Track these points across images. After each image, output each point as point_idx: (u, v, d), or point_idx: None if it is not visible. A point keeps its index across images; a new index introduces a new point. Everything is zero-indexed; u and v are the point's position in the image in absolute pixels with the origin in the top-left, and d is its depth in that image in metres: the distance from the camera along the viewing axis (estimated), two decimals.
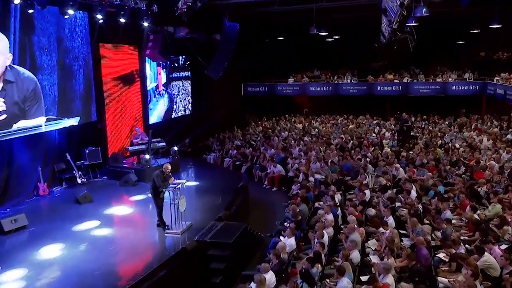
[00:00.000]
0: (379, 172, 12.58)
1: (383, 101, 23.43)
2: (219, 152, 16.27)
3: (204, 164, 15.54)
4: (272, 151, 15.42)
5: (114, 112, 13.61)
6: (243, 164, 14.96)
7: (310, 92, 23.88)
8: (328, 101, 25.35)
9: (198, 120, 18.14)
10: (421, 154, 13.90)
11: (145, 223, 8.94)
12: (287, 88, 23.97)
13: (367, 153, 14.63)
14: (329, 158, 13.94)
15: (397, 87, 22.57)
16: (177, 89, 17.79)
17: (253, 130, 20.85)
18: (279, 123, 22.24)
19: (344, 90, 23.30)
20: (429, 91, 21.72)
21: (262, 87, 24.15)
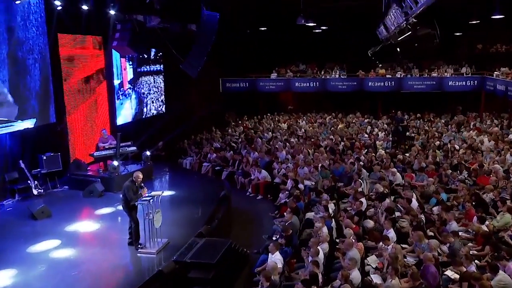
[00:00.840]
0: (374, 177, 12.53)
1: (374, 98, 23.58)
2: (196, 156, 16.04)
3: (180, 169, 15.29)
4: (255, 155, 15.25)
5: (76, 112, 13.08)
6: (224, 169, 14.78)
7: (295, 88, 23.88)
8: (314, 98, 25.38)
9: (172, 120, 17.85)
10: (419, 157, 13.93)
11: (114, 242, 8.50)
12: (269, 83, 23.92)
13: (360, 156, 14.57)
14: (318, 162, 13.82)
15: (389, 83, 22.73)
16: (147, 86, 17.32)
17: (233, 131, 20.62)
18: (262, 122, 22.10)
19: (332, 86, 23.36)
20: (424, 87, 21.93)
21: (242, 83, 24.04)
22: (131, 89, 16.18)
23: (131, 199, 7.81)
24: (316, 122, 21.79)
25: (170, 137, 16.91)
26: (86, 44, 13.31)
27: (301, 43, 23.80)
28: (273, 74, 24.25)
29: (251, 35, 22.92)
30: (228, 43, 20.90)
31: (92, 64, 13.66)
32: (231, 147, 16.88)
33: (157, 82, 18.10)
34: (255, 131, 19.85)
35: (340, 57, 24.60)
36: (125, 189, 7.89)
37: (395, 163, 13.62)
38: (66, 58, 12.45)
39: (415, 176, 12.32)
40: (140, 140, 13.76)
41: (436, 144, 15.82)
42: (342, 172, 13.09)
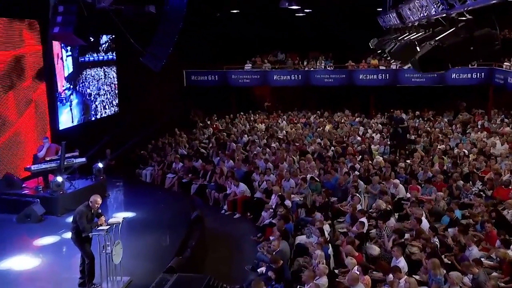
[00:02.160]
0: (373, 190, 12.43)
1: (366, 93, 23.68)
2: (158, 166, 15.73)
3: (139, 183, 15.06)
4: (230, 164, 15.03)
5: (7, 115, 12.39)
6: (193, 182, 14.54)
7: (273, 82, 23.82)
8: (296, 93, 25.34)
9: (127, 122, 17.46)
10: (424, 165, 13.92)
11: (61, 282, 8.02)
12: (243, 76, 23.80)
13: (355, 164, 14.46)
14: (306, 172, 13.66)
15: (383, 75, 22.89)
16: (95, 83, 16.61)
17: (201, 133, 20.28)
18: (235, 123, 21.92)
19: (316, 79, 23.37)
20: (424, 81, 22.13)
21: (210, 76, 23.91)
22: (71, 90, 15.21)
23: (85, 229, 7.34)
24: (299, 122, 21.64)
25: (125, 143, 16.54)
26: (17, 29, 12.59)
27: (281, 28, 23.60)
28: (247, 65, 24.10)
29: (222, 20, 22.68)
30: (194, 29, 20.48)
31: (28, 55, 12.97)
32: (200, 155, 16.55)
33: (109, 76, 17.48)
34: (227, 134, 19.61)
35: (326, 46, 24.61)
36: (77, 215, 7.43)
37: (397, 173, 13.57)
38: None
39: (421, 188, 12.24)
40: (90, 149, 13.30)
41: (441, 149, 15.85)
42: (335, 185, 12.97)
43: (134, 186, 14.18)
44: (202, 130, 20.72)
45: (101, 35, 16.80)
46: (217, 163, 15.27)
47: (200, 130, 20.66)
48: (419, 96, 22.95)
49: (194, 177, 14.65)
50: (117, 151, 15.80)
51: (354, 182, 12.54)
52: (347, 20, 22.00)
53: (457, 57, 7.38)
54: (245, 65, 24.10)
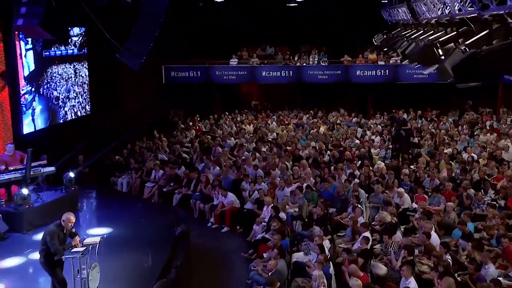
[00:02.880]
0: (375, 200, 12.40)
1: (363, 91, 23.71)
2: (135, 173, 15.59)
3: (114, 194, 14.89)
4: (216, 170, 14.96)
5: None
6: (175, 191, 14.37)
7: (262, 78, 23.78)
8: (287, 91, 25.31)
9: (101, 124, 17.42)
10: (430, 171, 13.91)
11: None
12: (228, 72, 23.74)
13: (354, 170, 14.41)
14: (301, 180, 13.57)
15: (382, 72, 22.95)
16: (63, 80, 16.29)
17: (182, 136, 20.14)
18: (220, 124, 21.79)
19: (309, 75, 23.35)
20: (426, 77, 22.06)
21: (192, 72, 23.84)
22: (33, 94, 14.72)
23: (57, 251, 7.11)
24: (291, 123, 21.57)
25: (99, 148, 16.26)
26: None
27: (270, 19, 23.61)
28: (233, 60, 24.02)
29: (204, 9, 22.54)
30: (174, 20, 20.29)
31: None
32: (182, 160, 16.40)
33: (81, 74, 17.25)
34: (212, 137, 19.49)
35: (320, 39, 24.58)
36: (47, 236, 7.21)
37: (400, 180, 13.56)
38: None
39: (428, 197, 12.22)
40: (60, 156, 13.07)
41: (448, 153, 15.86)
42: (333, 194, 12.92)
43: (109, 197, 14.01)
44: (183, 132, 20.51)
45: (71, 28, 16.57)
46: (202, 170, 15.14)
47: (182, 132, 20.45)
48: (422, 94, 23.01)
49: (177, 186, 14.50)
50: (92, 157, 15.56)
51: (355, 192, 12.45)
52: (343, 11, 21.96)
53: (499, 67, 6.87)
54: (231, 60, 23.99)
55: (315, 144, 17.55)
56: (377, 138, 18.51)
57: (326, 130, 19.93)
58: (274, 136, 19.63)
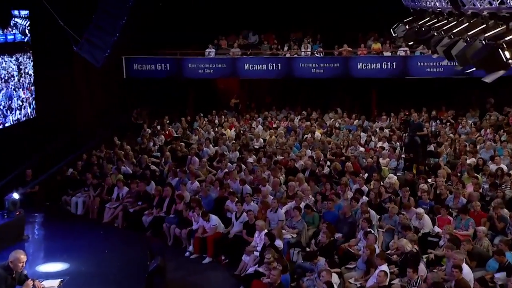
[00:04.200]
0: (389, 223, 12.27)
1: (366, 88, 23.70)
2: (93, 191, 15.39)
3: (67, 217, 14.82)
4: (194, 186, 14.83)
5: None
6: (144, 213, 14.22)
7: (244, 72, 23.70)
8: (274, 87, 25.37)
9: (50, 130, 17.30)
10: (453, 187, 13.83)
11: None
12: (204, 65, 23.69)
13: (362, 185, 14.25)
14: (298, 199, 13.31)
15: (388, 64, 22.95)
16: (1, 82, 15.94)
17: (148, 141, 19.93)
18: (195, 128, 21.67)
19: (301, 69, 23.34)
20: (442, 71, 22.28)
21: (160, 64, 23.79)
22: None
23: None
24: (280, 126, 21.47)
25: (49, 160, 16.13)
26: None
27: (253, 1, 23.64)
28: (210, 50, 24.02)
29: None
30: (138, 1, 20.19)
31: None
32: (151, 174, 16.18)
33: (23, 64, 16.97)
34: (186, 144, 19.37)
35: (313, 25, 24.63)
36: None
37: (418, 198, 13.44)
38: None
39: (454, 219, 12.09)
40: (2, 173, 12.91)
41: (471, 163, 15.80)
42: (338, 215, 12.74)
43: (62, 222, 13.96)
44: (151, 138, 20.26)
45: (12, 9, 16.27)
46: (176, 186, 14.89)
47: (149, 138, 20.17)
48: (435, 91, 23.20)
49: (145, 207, 14.32)
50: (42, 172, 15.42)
51: (365, 213, 12.29)
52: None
53: None
54: (207, 50, 23.95)
55: (312, 153, 17.47)
56: (384, 145, 18.44)
57: (323, 135, 19.82)
58: (261, 142, 19.55)
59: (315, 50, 23.74)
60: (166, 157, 17.64)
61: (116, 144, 19.04)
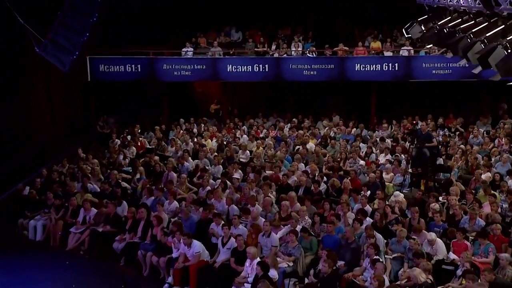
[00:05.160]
0: (397, 249, 12.24)
1: (364, 92, 23.81)
2: (55, 213, 15.29)
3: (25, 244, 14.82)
4: (173, 207, 14.78)
5: None
6: (115, 238, 14.18)
7: (226, 74, 23.74)
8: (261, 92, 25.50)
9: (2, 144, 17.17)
10: (467, 206, 13.78)
11: None
12: (181, 66, 23.72)
13: (364, 205, 14.24)
14: (294, 222, 13.19)
15: (390, 66, 23.06)
16: None
17: (117, 154, 19.87)
18: (171, 139, 21.54)
19: (291, 71, 23.37)
20: (450, 74, 22.39)
21: (130, 65, 23.77)
22: None
23: None
24: (268, 136, 21.48)
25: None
26: None
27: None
28: (187, 49, 24.00)
29: None
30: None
31: None
32: (122, 192, 16.17)
33: None
34: (162, 157, 19.32)
35: (304, 19, 24.82)
36: None
37: (429, 219, 13.42)
38: None
39: (471, 245, 12.04)
40: None
41: (486, 178, 15.84)
42: (339, 241, 12.64)
43: (18, 250, 13.87)
44: (120, 150, 20.14)
45: None
46: (152, 206, 14.78)
47: (118, 151, 20.08)
48: (442, 95, 23.27)
49: (116, 230, 14.23)
50: None
51: (370, 237, 12.17)
52: None
53: None
54: (184, 49, 23.94)
55: (306, 167, 17.42)
56: (386, 157, 18.54)
57: (318, 147, 19.81)
58: (248, 155, 19.50)
59: (306, 49, 23.77)
60: (139, 172, 17.56)
61: (80, 158, 18.95)
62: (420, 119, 21.67)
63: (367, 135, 21.42)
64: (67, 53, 10.97)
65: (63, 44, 10.92)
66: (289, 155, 19.01)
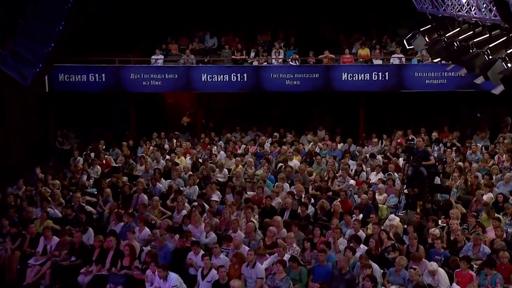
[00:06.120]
0: (396, 280, 12.17)
1: (352, 104, 23.90)
2: (12, 242, 15.05)
3: None
4: (145, 234, 14.64)
5: None
6: (80, 271, 13.89)
7: (200, 84, 23.76)
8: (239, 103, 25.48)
9: None
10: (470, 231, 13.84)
11: None
12: (150, 75, 23.66)
13: (357, 230, 14.18)
14: (281, 250, 13.09)
15: (380, 75, 23.21)
16: None
17: (80, 174, 19.69)
18: (140, 156, 21.35)
19: (271, 81, 23.47)
20: (444, 83, 22.50)
21: (93, 74, 23.73)
22: None
23: None
24: (248, 153, 21.38)
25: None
26: None
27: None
28: (157, 56, 24.01)
29: None
30: None
31: None
32: (87, 218, 15.97)
33: None
34: (130, 176, 19.18)
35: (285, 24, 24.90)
36: None
37: (429, 246, 13.44)
38: None
39: (476, 275, 12.02)
40: None
41: (488, 199, 15.88)
42: (331, 271, 12.57)
43: None
44: (83, 169, 19.99)
45: None
46: (122, 234, 14.56)
47: (81, 170, 19.89)
48: (436, 107, 23.39)
49: (82, 262, 14.00)
50: None
51: (366, 267, 12.13)
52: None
53: None
54: (153, 56, 23.92)
55: (291, 187, 17.44)
56: (379, 176, 18.59)
57: (303, 164, 19.79)
58: (226, 174, 19.42)
59: (288, 57, 23.84)
60: (105, 194, 17.32)
61: (38, 179, 18.71)
62: (412, 133, 21.78)
63: (356, 151, 21.42)
64: (29, 66, 10.77)
65: (25, 55, 10.73)
66: (272, 174, 18.92)
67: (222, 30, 25.05)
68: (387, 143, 21.92)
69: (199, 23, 25.10)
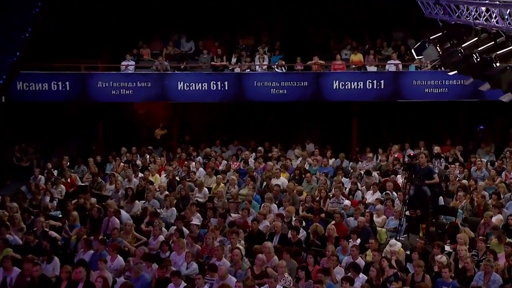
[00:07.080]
0: None
1: (344, 115, 23.94)
2: None
3: None
4: (118, 264, 14.40)
5: None
6: None
7: (176, 94, 23.76)
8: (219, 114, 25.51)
9: None
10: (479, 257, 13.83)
11: None
12: (119, 83, 23.56)
13: (355, 258, 14.07)
14: (272, 281, 12.94)
15: (374, 83, 23.24)
16: None
17: (42, 195, 19.53)
18: (109, 174, 21.26)
19: (255, 89, 23.48)
20: (445, 92, 22.53)
21: (55, 83, 23.61)
22: None
23: None
24: (230, 169, 21.25)
25: None
26: None
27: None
28: (128, 62, 23.92)
29: None
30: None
31: None
32: (52, 245, 15.53)
33: None
34: (98, 197, 19.05)
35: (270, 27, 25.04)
36: None
37: (435, 275, 13.30)
38: None
39: None
40: None
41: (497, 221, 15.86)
42: None
43: None
44: (46, 189, 19.76)
45: None
46: (92, 263, 14.27)
47: (43, 190, 19.67)
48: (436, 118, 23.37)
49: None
50: None
51: None
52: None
53: None
54: (123, 62, 23.85)
55: (279, 209, 17.37)
56: (376, 196, 18.48)
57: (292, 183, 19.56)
58: (206, 193, 19.27)
59: (274, 64, 23.79)
60: (71, 218, 17.07)
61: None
62: (410, 147, 21.78)
63: (349, 167, 21.32)
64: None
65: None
66: (258, 194, 18.83)
67: (199, 33, 25.08)
68: (383, 158, 21.84)
69: (174, 25, 25.17)
